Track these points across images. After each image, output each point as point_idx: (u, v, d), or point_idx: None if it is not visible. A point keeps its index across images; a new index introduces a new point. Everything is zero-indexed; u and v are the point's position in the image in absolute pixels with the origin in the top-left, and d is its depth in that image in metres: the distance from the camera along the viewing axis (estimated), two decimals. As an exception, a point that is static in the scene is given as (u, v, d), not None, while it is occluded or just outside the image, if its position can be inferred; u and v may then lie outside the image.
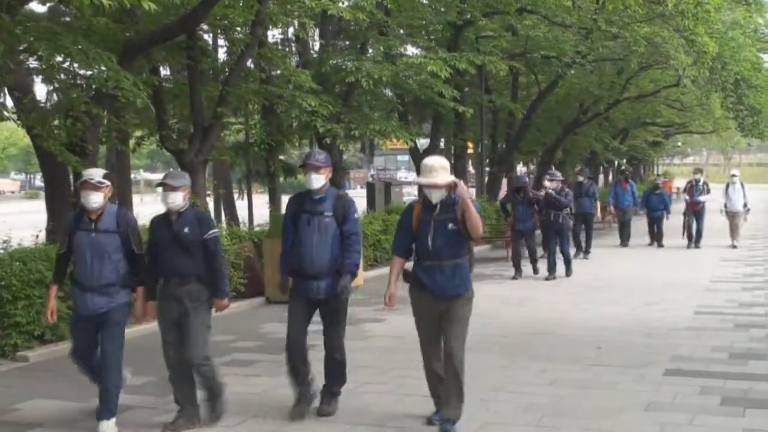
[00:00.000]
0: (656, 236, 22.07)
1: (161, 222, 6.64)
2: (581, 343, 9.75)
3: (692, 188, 21.46)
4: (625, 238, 22.41)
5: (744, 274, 16.13)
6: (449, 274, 6.24)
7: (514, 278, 16.07)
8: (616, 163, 45.56)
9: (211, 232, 6.57)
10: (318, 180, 6.73)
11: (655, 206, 22.01)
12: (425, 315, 6.41)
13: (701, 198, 21.19)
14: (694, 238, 21.30)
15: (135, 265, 6.58)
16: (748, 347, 9.41)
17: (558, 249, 16.27)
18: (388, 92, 22.62)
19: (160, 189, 6.73)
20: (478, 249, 19.77)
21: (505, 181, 27.23)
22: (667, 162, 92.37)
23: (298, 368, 6.85)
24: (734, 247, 20.93)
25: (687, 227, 21.43)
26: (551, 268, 15.99)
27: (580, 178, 20.36)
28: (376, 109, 22.41)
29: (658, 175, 46.21)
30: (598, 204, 20.60)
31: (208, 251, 6.51)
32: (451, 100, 19.35)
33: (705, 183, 21.61)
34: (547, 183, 16.41)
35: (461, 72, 19.98)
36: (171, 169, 7.68)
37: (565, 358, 9.00)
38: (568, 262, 16.36)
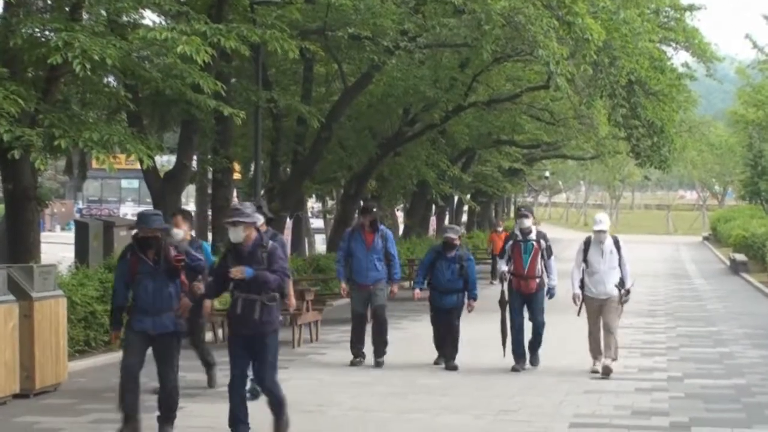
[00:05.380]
0: (449, 343, 16.81)
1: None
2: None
3: (517, 248, 16.58)
4: (379, 348, 16.93)
5: (640, 368, 16.82)
6: None
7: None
8: (456, 199, 46.59)
9: None
10: None
11: (445, 284, 16.70)
12: None
13: (542, 271, 16.57)
14: (528, 347, 16.66)
15: None
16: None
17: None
18: (113, 82, 22.43)
19: None
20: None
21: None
22: (529, 200, 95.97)
23: None
24: (596, 372, 15.97)
25: (513, 326, 16.51)
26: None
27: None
28: (93, 107, 22.15)
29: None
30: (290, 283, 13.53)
31: None
32: (212, 96, 19.38)
33: (543, 237, 16.87)
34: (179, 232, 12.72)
35: (228, 54, 20.04)
36: None
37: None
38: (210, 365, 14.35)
